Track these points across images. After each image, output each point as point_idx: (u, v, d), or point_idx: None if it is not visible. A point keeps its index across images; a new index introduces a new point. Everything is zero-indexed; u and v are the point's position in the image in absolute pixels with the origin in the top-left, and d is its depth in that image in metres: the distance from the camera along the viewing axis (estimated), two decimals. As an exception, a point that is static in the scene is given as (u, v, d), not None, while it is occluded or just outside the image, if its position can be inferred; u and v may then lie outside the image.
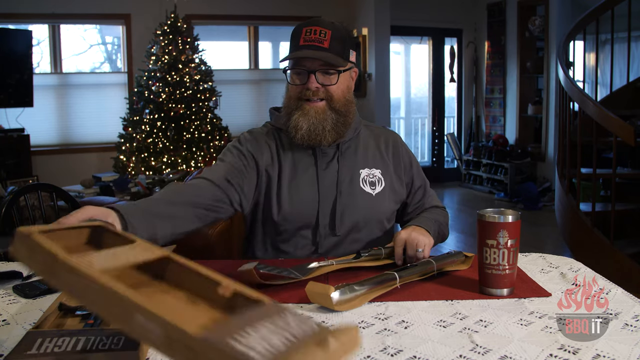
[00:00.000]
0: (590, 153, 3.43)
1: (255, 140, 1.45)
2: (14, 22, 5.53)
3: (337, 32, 1.36)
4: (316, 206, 1.40)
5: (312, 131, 1.36)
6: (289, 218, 1.39)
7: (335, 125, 1.38)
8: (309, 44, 1.34)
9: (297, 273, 1.14)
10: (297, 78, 1.38)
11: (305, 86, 1.36)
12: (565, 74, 3.70)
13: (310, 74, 1.35)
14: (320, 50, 1.33)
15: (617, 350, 0.84)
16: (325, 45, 1.34)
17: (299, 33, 1.36)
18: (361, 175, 1.44)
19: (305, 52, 1.34)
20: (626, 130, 3.09)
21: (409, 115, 7.97)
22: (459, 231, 5.11)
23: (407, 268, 1.16)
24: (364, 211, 1.42)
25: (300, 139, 1.38)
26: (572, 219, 3.71)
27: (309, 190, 1.40)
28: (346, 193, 1.42)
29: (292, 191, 1.40)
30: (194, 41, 5.45)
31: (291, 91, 1.40)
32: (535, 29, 6.31)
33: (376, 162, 1.48)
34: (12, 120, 5.31)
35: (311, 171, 1.42)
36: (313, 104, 1.37)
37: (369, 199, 1.43)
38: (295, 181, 1.41)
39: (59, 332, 0.82)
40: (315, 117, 1.36)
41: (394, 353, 0.85)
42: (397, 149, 1.52)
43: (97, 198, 2.92)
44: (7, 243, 0.63)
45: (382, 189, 1.45)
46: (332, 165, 1.43)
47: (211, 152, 5.37)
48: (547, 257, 1.36)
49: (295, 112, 1.37)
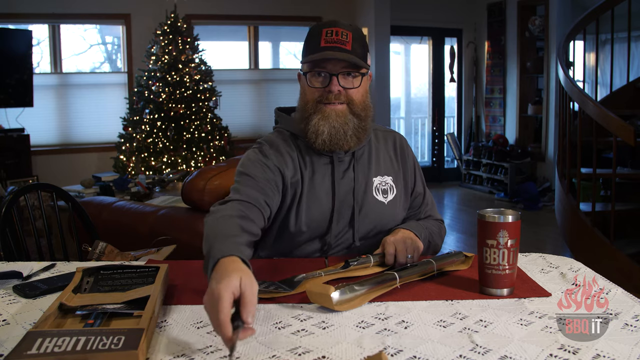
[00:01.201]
0: (590, 153, 3.43)
1: (279, 152, 1.37)
2: (14, 22, 5.53)
3: (357, 34, 1.31)
4: (329, 216, 1.36)
5: (333, 135, 1.30)
6: (305, 230, 1.36)
7: (356, 130, 1.33)
8: (332, 45, 1.27)
9: (285, 287, 1.10)
10: (317, 81, 1.31)
11: (327, 89, 1.30)
12: (565, 74, 3.70)
13: (333, 77, 1.29)
14: (344, 52, 1.27)
15: (617, 350, 0.84)
16: (348, 47, 1.28)
17: (318, 34, 1.30)
18: (374, 183, 1.40)
19: (330, 53, 1.27)
20: (626, 130, 3.09)
21: (409, 115, 7.97)
22: (459, 231, 5.11)
23: (407, 268, 1.16)
24: (376, 221, 1.39)
25: (322, 145, 1.31)
26: (572, 219, 3.71)
27: (325, 200, 1.36)
28: (360, 202, 1.38)
29: (310, 202, 1.35)
30: (194, 41, 5.45)
31: (309, 94, 1.33)
32: (535, 29, 6.31)
33: (387, 169, 1.44)
34: (12, 120, 5.31)
35: (327, 180, 1.37)
36: (333, 106, 1.30)
37: (381, 207, 1.40)
38: (313, 191, 1.36)
39: (59, 332, 0.82)
40: (336, 121, 1.30)
41: (394, 353, 0.85)
42: (404, 152, 1.49)
43: (97, 198, 2.92)
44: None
45: (394, 196, 1.42)
46: (347, 174, 1.39)
47: (211, 152, 5.37)
48: (547, 257, 1.36)
49: (314, 116, 1.31)
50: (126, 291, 1.05)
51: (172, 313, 1.02)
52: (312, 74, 1.32)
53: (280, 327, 0.95)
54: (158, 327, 0.95)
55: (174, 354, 0.85)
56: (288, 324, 0.96)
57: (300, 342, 0.89)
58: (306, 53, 1.33)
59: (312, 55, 1.29)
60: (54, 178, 4.90)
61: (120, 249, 1.70)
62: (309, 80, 1.32)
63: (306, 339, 0.90)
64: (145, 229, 2.37)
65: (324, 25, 1.32)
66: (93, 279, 1.13)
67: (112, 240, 1.73)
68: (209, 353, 0.85)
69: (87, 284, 1.11)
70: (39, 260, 1.46)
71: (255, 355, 0.84)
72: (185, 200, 2.35)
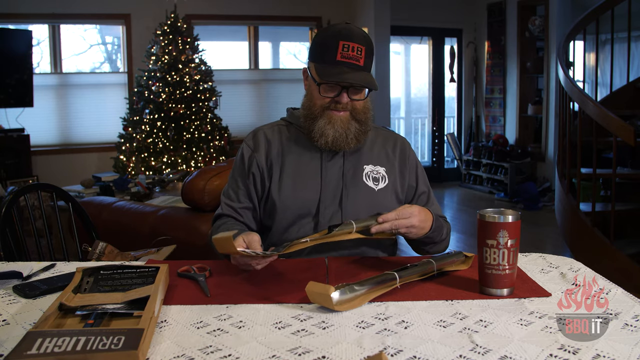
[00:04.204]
0: (590, 153, 3.43)
1: (255, 148, 1.50)
2: (14, 22, 5.53)
3: (369, 47, 1.39)
4: (318, 195, 1.43)
5: (336, 139, 1.41)
6: (290, 205, 1.43)
7: (357, 133, 1.43)
8: (347, 61, 1.35)
9: (269, 253, 1.16)
10: (329, 91, 1.40)
11: (336, 99, 1.39)
12: (565, 74, 3.70)
13: (343, 91, 1.38)
14: (358, 71, 1.36)
15: (617, 350, 0.84)
16: (361, 63, 1.36)
17: (334, 46, 1.36)
18: (365, 170, 1.48)
19: (346, 72, 1.35)
20: (626, 130, 3.09)
21: (409, 115, 7.97)
22: (459, 231, 5.11)
23: (407, 268, 1.16)
24: (365, 205, 1.44)
25: (324, 145, 1.42)
26: (572, 219, 3.71)
27: (313, 180, 1.45)
28: (349, 185, 1.45)
29: (296, 180, 1.45)
30: (194, 41, 5.45)
31: (317, 99, 1.42)
32: (535, 29, 6.31)
33: (381, 161, 1.51)
34: (12, 120, 5.31)
35: (315, 163, 1.47)
36: (338, 113, 1.41)
37: (371, 193, 1.46)
38: (298, 171, 1.46)
39: (59, 332, 0.82)
40: (341, 127, 1.41)
41: (394, 353, 0.85)
42: (404, 151, 1.55)
43: (97, 198, 2.92)
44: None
45: (385, 185, 1.48)
46: (336, 158, 1.47)
47: (211, 152, 5.38)
48: (547, 257, 1.36)
49: (321, 120, 1.41)
50: (126, 291, 1.05)
51: (172, 313, 1.02)
52: (325, 85, 1.39)
53: (280, 327, 0.95)
54: (158, 327, 0.95)
55: (174, 354, 0.85)
56: (288, 324, 0.96)
57: (300, 342, 0.89)
58: (321, 60, 1.39)
59: (328, 68, 1.36)
60: (54, 178, 4.90)
61: (120, 249, 1.70)
62: (321, 89, 1.40)
63: (306, 339, 0.90)
64: (145, 229, 2.37)
65: (340, 35, 1.37)
66: (93, 279, 1.13)
67: (112, 240, 1.73)
68: (209, 353, 0.85)
69: (87, 284, 1.11)
70: (39, 261, 1.46)
71: (255, 355, 0.84)
72: (185, 200, 2.35)
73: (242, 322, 0.97)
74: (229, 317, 1.00)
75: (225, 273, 1.26)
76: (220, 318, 0.99)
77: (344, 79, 1.35)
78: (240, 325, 0.96)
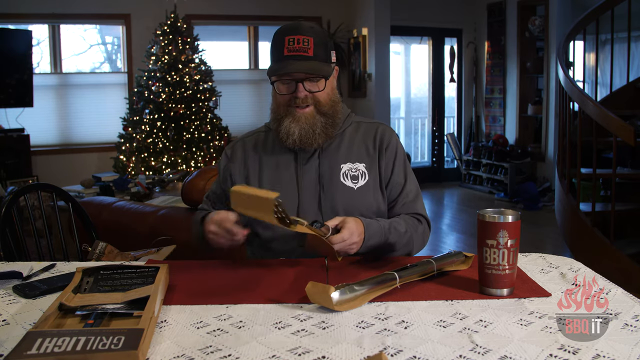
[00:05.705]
0: (590, 153, 3.43)
1: (231, 158, 1.54)
2: (14, 22, 5.53)
3: (319, 38, 1.38)
4: (296, 202, 1.43)
5: (303, 136, 1.40)
6: None
7: (324, 127, 1.42)
8: (294, 54, 1.35)
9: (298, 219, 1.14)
10: (284, 88, 1.40)
11: (294, 95, 1.39)
12: (565, 74, 3.70)
13: (298, 83, 1.38)
14: (305, 60, 1.36)
15: (617, 350, 0.84)
16: (310, 53, 1.36)
17: (281, 43, 1.37)
18: (342, 169, 1.45)
19: (292, 63, 1.35)
20: (626, 130, 3.09)
21: (409, 115, 7.96)
22: (459, 231, 5.11)
23: (407, 268, 1.16)
24: (344, 205, 1.42)
25: (292, 144, 1.42)
26: (572, 219, 3.71)
27: (290, 186, 1.44)
28: (327, 187, 1.44)
29: (274, 188, 1.40)
30: (194, 41, 5.45)
31: (279, 99, 1.43)
32: (535, 29, 6.31)
33: (360, 157, 1.47)
34: (12, 120, 5.31)
35: (291, 168, 1.47)
36: (302, 110, 1.40)
37: (349, 192, 1.44)
38: (277, 179, 1.46)
39: (59, 332, 0.82)
40: (306, 123, 1.40)
41: (394, 353, 0.85)
42: (383, 140, 1.49)
43: (97, 198, 2.92)
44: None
45: (366, 182, 1.45)
46: (312, 161, 1.46)
47: (211, 152, 5.38)
48: (547, 257, 1.36)
49: (286, 119, 1.41)
50: (126, 291, 1.05)
51: (172, 313, 1.02)
52: (279, 82, 1.41)
53: (280, 327, 0.95)
54: (158, 327, 0.95)
55: (174, 354, 0.85)
56: (288, 324, 0.96)
57: (300, 342, 0.89)
58: (272, 59, 1.41)
59: (276, 64, 1.38)
60: (54, 178, 4.89)
61: (120, 249, 1.70)
62: (277, 88, 1.42)
63: (306, 339, 0.90)
64: (145, 229, 2.37)
65: (286, 32, 1.38)
66: (93, 279, 1.13)
67: (112, 240, 1.73)
68: (209, 353, 0.85)
69: (87, 284, 1.11)
70: (39, 261, 1.46)
71: (255, 355, 0.84)
72: (185, 200, 2.35)
73: (242, 322, 0.97)
74: (229, 317, 1.00)
75: (225, 273, 1.26)
76: (220, 318, 0.99)
77: (286, 70, 1.35)
78: (240, 325, 0.96)
